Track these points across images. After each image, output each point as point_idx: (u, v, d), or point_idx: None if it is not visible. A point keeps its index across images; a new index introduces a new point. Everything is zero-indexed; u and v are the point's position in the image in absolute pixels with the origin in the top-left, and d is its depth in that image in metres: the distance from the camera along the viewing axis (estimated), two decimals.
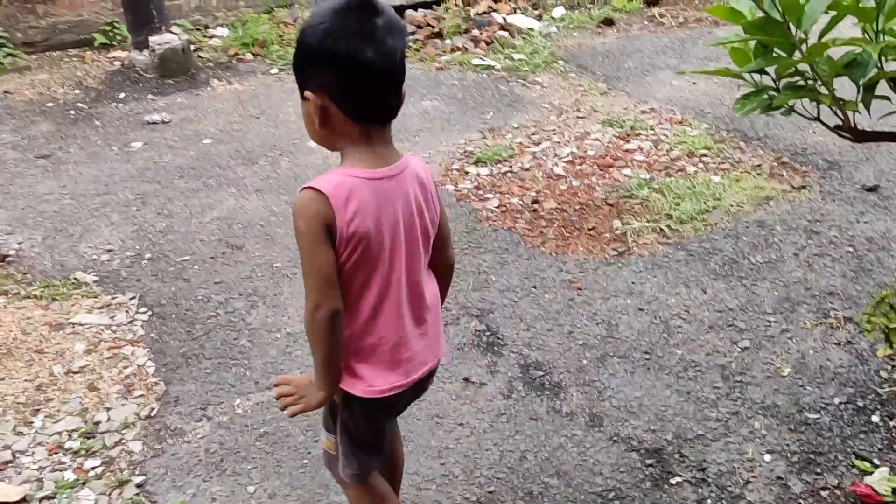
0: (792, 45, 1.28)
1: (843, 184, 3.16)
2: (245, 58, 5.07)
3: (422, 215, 1.33)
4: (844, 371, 2.18)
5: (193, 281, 2.78)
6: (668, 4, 5.83)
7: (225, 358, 2.39)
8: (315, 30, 1.21)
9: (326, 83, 1.23)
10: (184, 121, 4.18)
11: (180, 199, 3.37)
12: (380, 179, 1.26)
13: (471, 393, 2.21)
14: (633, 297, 2.59)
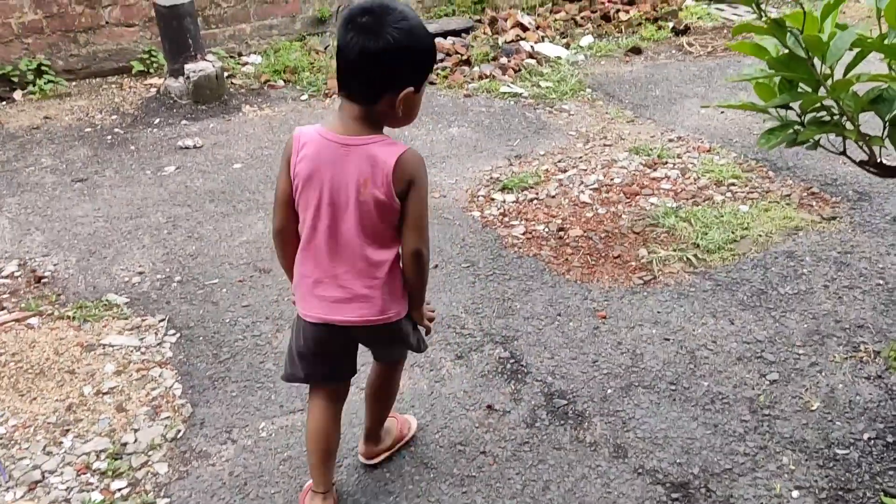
0: (817, 81, 1.28)
1: (874, 215, 3.12)
2: (276, 84, 5.17)
3: (363, 187, 1.57)
4: (874, 406, 2.14)
5: (221, 304, 2.82)
6: (697, 34, 5.84)
7: (251, 381, 2.42)
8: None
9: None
10: (215, 146, 4.27)
11: (210, 222, 3.43)
12: (331, 142, 1.57)
13: (494, 421, 2.21)
14: (659, 326, 2.57)
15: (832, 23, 1.32)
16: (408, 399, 2.30)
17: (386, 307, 1.71)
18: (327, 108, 4.76)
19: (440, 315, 2.69)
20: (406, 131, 4.35)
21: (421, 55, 1.55)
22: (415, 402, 2.29)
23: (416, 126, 4.40)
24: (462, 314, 2.70)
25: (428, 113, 4.59)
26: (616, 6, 6.34)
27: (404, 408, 2.28)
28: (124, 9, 5.24)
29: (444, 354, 2.49)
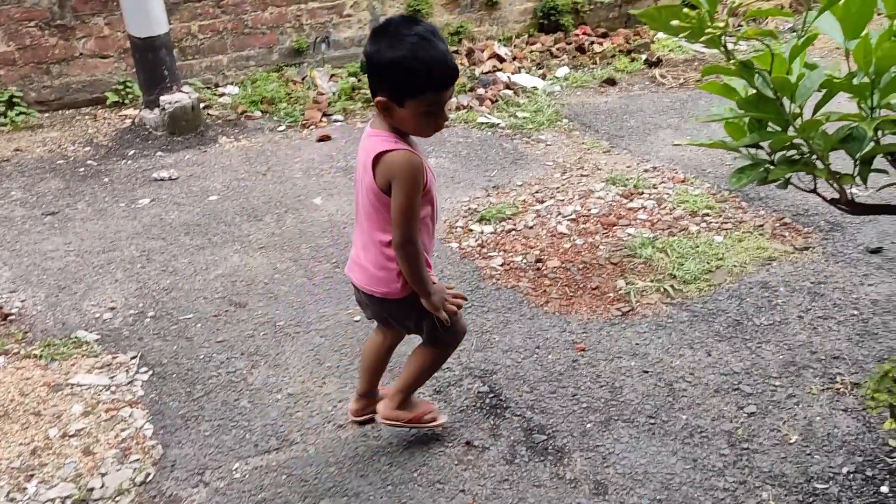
0: (786, 121, 1.29)
1: (846, 245, 3.16)
2: (253, 115, 5.16)
3: (363, 172, 1.85)
4: (852, 439, 2.14)
5: (196, 339, 2.78)
6: (669, 66, 5.93)
7: (224, 420, 2.37)
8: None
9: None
10: (191, 177, 4.24)
11: (185, 255, 3.39)
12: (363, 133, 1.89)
13: (473, 457, 2.18)
14: (638, 358, 2.57)
15: (801, 63, 1.34)
16: (385, 436, 2.27)
17: (373, 282, 1.97)
18: (305, 139, 4.75)
19: None
20: None
21: (386, 68, 1.72)
22: (392, 440, 2.26)
23: None
24: None
25: None
26: (591, 38, 6.44)
27: (382, 444, 2.24)
28: (99, 40, 5.21)
29: (422, 389, 2.46)
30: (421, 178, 1.81)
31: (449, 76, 1.75)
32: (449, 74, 1.74)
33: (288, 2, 5.71)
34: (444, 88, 1.74)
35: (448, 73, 1.74)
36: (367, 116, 5.07)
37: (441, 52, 1.71)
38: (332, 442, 2.26)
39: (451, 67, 1.74)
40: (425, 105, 1.75)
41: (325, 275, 3.19)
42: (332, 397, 2.45)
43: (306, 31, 5.86)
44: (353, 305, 2.95)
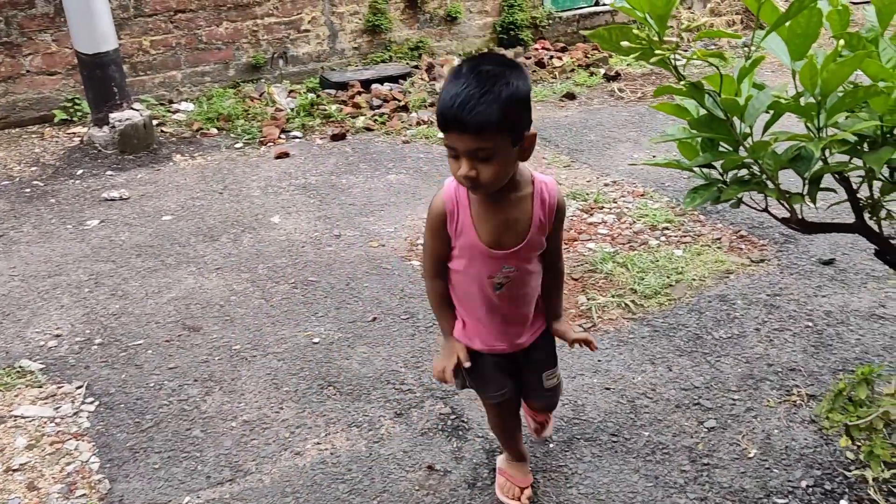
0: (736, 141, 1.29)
1: (800, 257, 3.20)
2: (209, 132, 5.07)
3: None
4: (810, 452, 2.15)
5: (146, 367, 2.69)
6: (628, 80, 6.00)
7: (175, 451, 2.29)
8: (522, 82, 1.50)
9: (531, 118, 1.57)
10: (143, 197, 4.13)
11: (136, 278, 3.29)
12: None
13: (435, 482, 2.14)
14: (600, 375, 2.55)
15: (749, 83, 1.34)
16: (345, 462, 2.21)
17: None
18: (262, 156, 4.68)
19: (378, 371, 2.62)
20: (343, 179, 4.30)
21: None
22: (352, 465, 2.20)
23: (354, 173, 4.36)
24: (402, 369, 2.63)
25: (366, 160, 4.56)
26: (550, 52, 6.49)
27: (341, 471, 2.18)
28: (46, 57, 5.08)
29: (382, 412, 2.42)
30: (437, 222, 1.70)
31: (443, 117, 1.49)
32: (443, 115, 1.48)
33: (244, 17, 5.64)
34: (444, 130, 1.51)
35: (443, 114, 1.48)
36: (326, 133, 5.02)
37: (450, 94, 1.47)
38: (289, 470, 2.20)
39: (448, 108, 1.46)
40: (444, 142, 1.56)
41: (282, 296, 3.13)
42: (290, 423, 2.39)
43: (263, 47, 5.79)
44: (312, 327, 2.90)
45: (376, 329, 2.87)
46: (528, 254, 1.74)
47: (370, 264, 3.35)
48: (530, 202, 1.68)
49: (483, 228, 1.67)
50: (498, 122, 1.45)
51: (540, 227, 1.71)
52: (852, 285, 2.97)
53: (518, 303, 1.81)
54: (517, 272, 1.74)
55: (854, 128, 1.19)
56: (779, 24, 1.18)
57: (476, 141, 1.46)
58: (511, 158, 1.55)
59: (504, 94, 1.44)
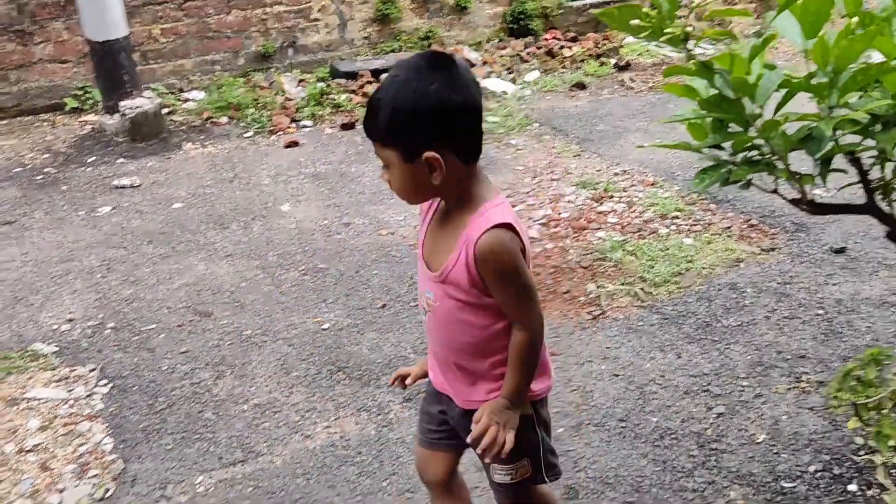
0: (746, 121, 1.29)
1: (811, 246, 3.18)
2: (219, 121, 5.08)
3: None
4: (819, 437, 2.14)
5: (158, 351, 2.71)
6: (638, 70, 5.97)
7: (188, 432, 2.31)
8: (425, 93, 1.30)
9: (446, 136, 1.33)
10: (154, 184, 4.16)
11: (147, 265, 3.31)
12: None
13: None
14: (608, 362, 2.56)
15: (760, 63, 1.33)
16: (354, 445, 2.23)
17: None
18: (272, 145, 4.69)
19: (387, 356, 2.63)
20: (353, 167, 4.31)
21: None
22: (361, 449, 2.22)
23: (364, 162, 4.36)
24: (410, 354, 2.64)
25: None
26: (560, 42, 6.46)
27: (350, 454, 2.20)
28: (57, 45, 5.10)
29: (392, 397, 2.43)
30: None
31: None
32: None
33: (253, 5, 5.65)
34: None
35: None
36: (336, 122, 5.03)
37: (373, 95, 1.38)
38: (300, 452, 2.22)
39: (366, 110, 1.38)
40: None
41: (292, 283, 3.14)
42: (300, 407, 2.41)
43: (273, 36, 5.80)
44: (321, 314, 2.91)
45: (385, 315, 2.88)
46: (451, 291, 1.42)
47: (379, 252, 3.36)
48: (460, 234, 1.39)
49: (429, 236, 1.49)
50: (380, 134, 1.34)
51: (460, 267, 1.38)
52: (864, 273, 2.96)
53: (442, 343, 1.51)
54: (438, 306, 1.45)
55: (867, 107, 1.19)
56: (791, 1, 1.18)
57: (377, 147, 1.37)
58: (409, 175, 1.35)
59: (393, 105, 1.32)
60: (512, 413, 1.42)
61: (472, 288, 1.39)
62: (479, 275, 1.37)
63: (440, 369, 1.55)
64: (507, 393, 1.43)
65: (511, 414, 1.42)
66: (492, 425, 1.39)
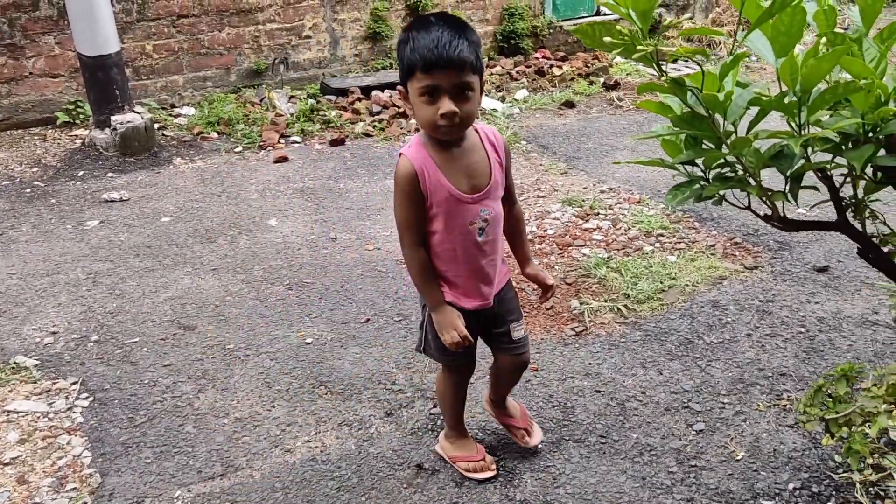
0: (718, 138, 1.30)
1: (794, 264, 3.21)
2: (210, 136, 5.10)
3: None
4: (798, 455, 2.15)
5: (141, 364, 2.70)
6: (626, 89, 6.03)
7: (168, 446, 2.30)
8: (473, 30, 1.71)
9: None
10: (143, 198, 4.16)
11: (133, 278, 3.31)
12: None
13: (423, 481, 2.14)
14: (590, 378, 2.56)
15: (732, 81, 1.36)
16: (334, 460, 2.22)
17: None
18: (261, 161, 4.71)
19: (369, 371, 2.63)
20: (341, 183, 4.33)
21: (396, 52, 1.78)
22: (341, 463, 2.21)
23: (352, 178, 4.38)
24: (393, 369, 2.64)
25: (364, 165, 4.58)
26: (550, 61, 6.53)
27: (330, 468, 2.19)
28: (49, 59, 5.12)
29: (373, 412, 2.43)
30: (408, 185, 1.77)
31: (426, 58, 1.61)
32: (427, 56, 1.61)
33: (245, 22, 5.69)
34: (427, 70, 1.62)
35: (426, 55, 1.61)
36: (325, 138, 5.05)
37: (429, 37, 1.62)
38: (279, 467, 2.21)
39: (432, 49, 1.61)
40: (419, 87, 1.66)
41: (277, 297, 3.14)
42: (281, 421, 2.40)
43: (265, 53, 5.84)
44: (305, 328, 2.91)
45: (369, 330, 2.88)
46: (496, 193, 1.86)
47: (365, 267, 3.37)
48: (482, 146, 1.84)
49: (454, 177, 1.79)
50: (474, 61, 1.66)
51: (500, 167, 1.86)
52: (846, 292, 2.98)
53: (496, 248, 1.91)
54: (492, 214, 1.86)
55: (836, 125, 1.21)
56: (762, 20, 1.20)
57: (461, 76, 1.64)
58: (479, 98, 1.73)
59: (472, 39, 1.67)
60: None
61: (503, 178, 1.86)
62: (505, 164, 1.87)
63: (492, 280, 1.93)
64: (530, 255, 2.05)
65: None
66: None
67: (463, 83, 1.65)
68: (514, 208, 2.00)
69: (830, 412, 1.23)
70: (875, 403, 1.13)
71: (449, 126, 1.70)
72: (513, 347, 2.06)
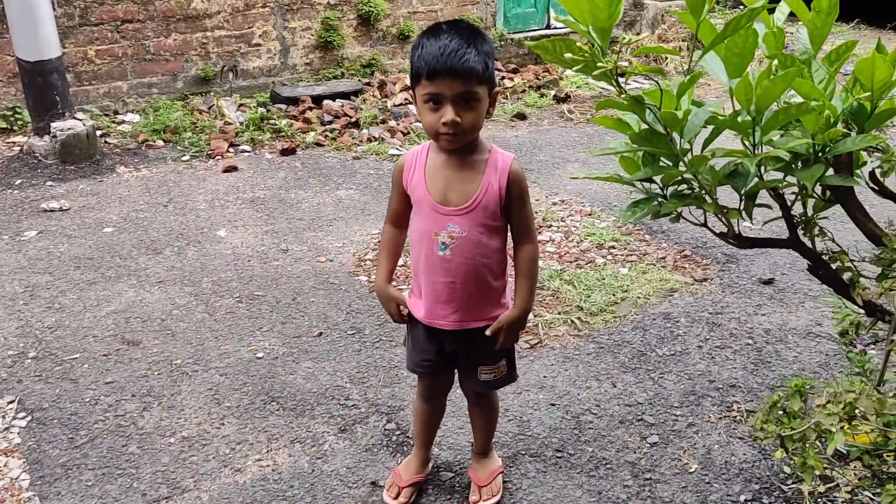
0: (676, 156, 1.32)
1: (741, 277, 3.28)
2: (155, 144, 4.97)
3: None
4: (749, 466, 2.19)
5: (82, 381, 2.60)
6: (577, 102, 6.11)
7: (110, 467, 2.21)
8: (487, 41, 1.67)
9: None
10: (84, 208, 4.02)
11: (74, 291, 3.19)
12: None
13: (378, 499, 2.10)
14: (545, 391, 2.56)
15: (688, 99, 1.37)
16: (286, 479, 2.17)
17: None
18: (210, 170, 4.60)
19: (322, 386, 2.58)
20: (292, 193, 4.26)
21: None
22: (294, 482, 2.16)
23: (304, 188, 4.32)
24: (347, 384, 2.59)
25: (315, 175, 4.52)
26: (501, 73, 6.57)
27: (282, 488, 2.14)
28: None
29: (326, 428, 2.38)
30: (395, 174, 1.86)
31: (431, 66, 1.61)
32: (432, 63, 1.60)
33: (193, 29, 5.58)
34: (432, 77, 1.62)
35: (431, 62, 1.60)
36: (276, 147, 4.97)
37: (437, 45, 1.62)
38: (229, 488, 2.14)
39: (438, 56, 1.60)
40: (423, 94, 1.67)
41: (227, 310, 3.06)
42: (231, 439, 2.33)
43: (213, 60, 5.73)
44: (256, 342, 2.84)
45: (322, 344, 2.83)
46: (479, 218, 1.76)
47: (317, 279, 3.32)
48: (484, 166, 1.77)
49: (432, 182, 1.78)
50: (481, 71, 1.63)
51: (492, 193, 1.75)
52: (790, 304, 3.06)
53: (460, 274, 1.80)
54: (463, 234, 1.77)
55: (788, 145, 1.23)
56: (716, 42, 1.22)
57: (465, 85, 1.62)
58: (485, 109, 1.70)
59: (483, 49, 1.64)
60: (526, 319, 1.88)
61: (496, 210, 1.75)
62: (506, 197, 1.75)
63: (457, 305, 1.83)
64: (526, 302, 1.85)
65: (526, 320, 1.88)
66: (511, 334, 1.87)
67: (467, 93, 1.63)
68: (523, 247, 1.84)
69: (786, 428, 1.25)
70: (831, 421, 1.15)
71: (450, 135, 1.68)
72: (475, 383, 2.00)
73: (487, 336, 1.87)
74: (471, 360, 1.96)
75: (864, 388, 1.22)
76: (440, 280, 1.83)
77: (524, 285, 1.84)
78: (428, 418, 2.13)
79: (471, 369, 1.97)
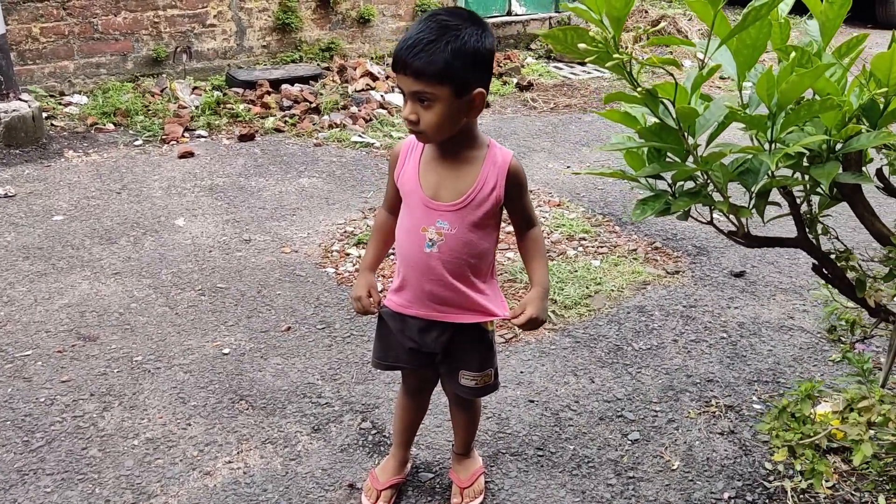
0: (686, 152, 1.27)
1: (713, 269, 3.29)
2: (105, 128, 4.74)
3: None
4: (730, 462, 2.18)
5: (35, 380, 2.44)
6: (540, 90, 6.08)
7: (70, 472, 2.07)
8: (480, 38, 1.53)
9: (488, 77, 1.60)
10: (31, 195, 3.80)
11: (23, 283, 3.00)
12: None
13: (355, 501, 2.03)
14: (523, 387, 2.52)
15: (697, 94, 1.33)
16: (259, 482, 2.07)
17: None
18: (165, 155, 4.41)
19: (293, 383, 2.48)
20: (252, 181, 4.11)
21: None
22: (267, 486, 2.06)
23: (264, 175, 4.18)
24: (318, 381, 2.50)
25: (276, 162, 4.38)
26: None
27: (255, 492, 2.04)
28: None
29: (299, 428, 2.29)
30: (391, 160, 1.79)
31: (393, 58, 1.54)
32: (394, 56, 1.53)
33: (144, 7, 5.33)
34: (394, 70, 1.55)
35: (394, 54, 1.53)
36: (234, 132, 4.80)
37: (406, 36, 1.53)
38: (198, 492, 2.03)
39: (399, 49, 1.51)
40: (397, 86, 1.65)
41: (189, 303, 2.93)
42: (198, 441, 2.22)
43: (165, 40, 5.50)
44: (221, 337, 2.72)
45: (291, 339, 2.73)
46: (471, 216, 1.67)
47: (283, 271, 3.20)
48: (481, 163, 1.68)
49: (425, 176, 1.70)
50: (439, 71, 1.49)
51: (488, 190, 1.66)
52: (762, 297, 3.08)
53: (449, 272, 1.72)
54: (452, 232, 1.68)
55: (804, 141, 1.20)
56: (734, 33, 1.17)
57: (416, 84, 1.51)
58: (453, 110, 1.55)
59: (451, 46, 1.49)
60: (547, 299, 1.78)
61: (493, 207, 1.68)
62: (505, 193, 1.68)
63: (433, 297, 1.75)
64: (544, 281, 1.78)
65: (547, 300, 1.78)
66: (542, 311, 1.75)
67: (419, 92, 1.52)
68: (526, 233, 1.81)
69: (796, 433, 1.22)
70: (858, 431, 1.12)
71: (412, 131, 1.62)
72: (457, 387, 1.91)
73: (468, 339, 1.81)
74: (453, 363, 1.87)
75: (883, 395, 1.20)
76: (424, 277, 1.75)
77: (541, 264, 1.80)
78: (411, 415, 2.06)
79: (452, 371, 1.89)
